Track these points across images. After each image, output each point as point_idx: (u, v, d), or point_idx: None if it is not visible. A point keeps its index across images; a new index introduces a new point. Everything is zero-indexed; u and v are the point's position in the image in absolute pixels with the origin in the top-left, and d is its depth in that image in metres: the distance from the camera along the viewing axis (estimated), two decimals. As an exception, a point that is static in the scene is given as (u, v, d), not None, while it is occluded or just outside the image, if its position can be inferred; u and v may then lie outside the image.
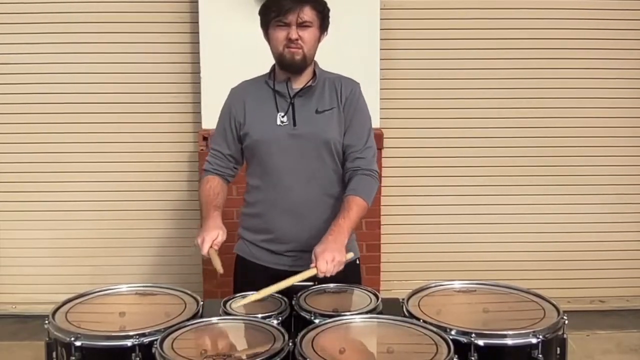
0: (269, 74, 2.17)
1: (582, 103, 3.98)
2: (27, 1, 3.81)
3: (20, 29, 3.82)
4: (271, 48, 2.10)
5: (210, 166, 2.20)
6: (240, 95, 2.18)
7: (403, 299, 1.88)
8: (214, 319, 1.75)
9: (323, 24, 2.08)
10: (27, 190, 3.97)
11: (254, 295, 1.86)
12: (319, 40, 2.10)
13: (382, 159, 3.70)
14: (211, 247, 1.93)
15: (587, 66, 3.95)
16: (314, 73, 2.13)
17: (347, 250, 1.95)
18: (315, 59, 2.13)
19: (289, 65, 2.06)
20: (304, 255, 2.03)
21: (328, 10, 2.10)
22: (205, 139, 3.65)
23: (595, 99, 3.98)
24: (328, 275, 1.88)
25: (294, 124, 2.08)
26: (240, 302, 1.85)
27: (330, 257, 1.87)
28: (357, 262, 2.25)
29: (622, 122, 4.03)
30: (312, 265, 1.88)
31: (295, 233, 2.09)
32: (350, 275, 2.14)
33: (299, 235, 2.07)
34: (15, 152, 3.93)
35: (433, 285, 2.00)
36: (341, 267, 1.91)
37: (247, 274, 2.17)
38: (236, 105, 2.16)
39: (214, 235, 1.95)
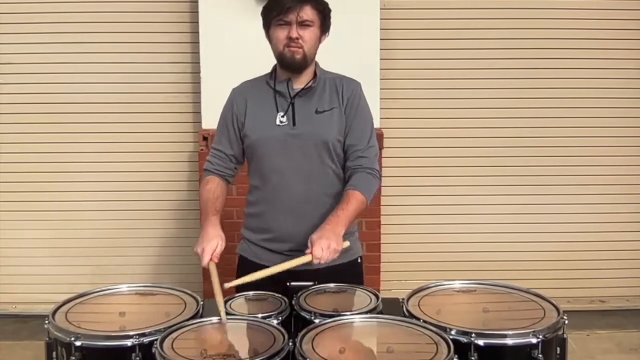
0: (270, 74, 2.18)
1: (585, 103, 3.99)
2: (27, 1, 3.82)
3: (20, 29, 3.82)
4: (272, 48, 2.10)
5: (211, 166, 2.20)
6: (242, 94, 2.18)
7: (403, 299, 1.87)
8: (214, 319, 1.74)
9: (324, 24, 2.09)
10: (28, 190, 3.97)
11: (247, 277, 1.87)
12: (319, 41, 2.10)
13: (382, 158, 3.69)
14: (211, 259, 1.92)
15: (586, 66, 3.96)
16: (315, 73, 2.14)
17: (344, 243, 1.95)
18: (316, 59, 2.14)
19: (289, 64, 2.07)
20: None
21: (329, 10, 2.10)
22: (205, 139, 3.66)
23: (597, 99, 3.98)
24: (323, 262, 1.87)
25: (294, 124, 2.09)
26: (232, 282, 1.86)
27: (326, 245, 1.87)
28: (359, 260, 2.25)
29: (624, 121, 4.03)
30: (308, 251, 1.88)
31: (295, 232, 2.08)
32: (352, 273, 2.15)
33: (298, 234, 2.06)
34: (15, 152, 3.93)
35: (433, 285, 2.00)
36: (336, 255, 1.91)
37: (247, 274, 2.17)
38: (238, 104, 2.16)
39: (213, 246, 1.94)
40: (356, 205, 2.02)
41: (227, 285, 1.86)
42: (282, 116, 2.09)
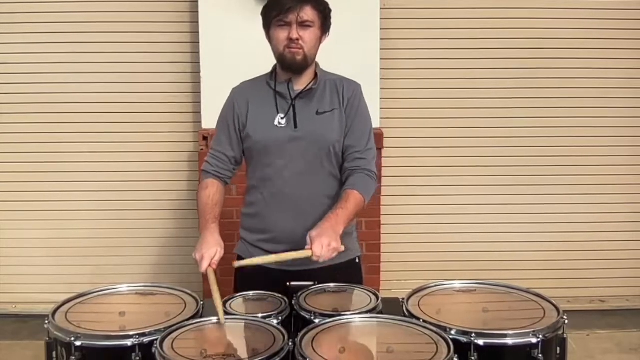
0: (270, 74, 2.17)
1: (585, 103, 3.98)
2: (25, 1, 3.81)
3: (20, 29, 3.82)
4: (272, 49, 2.10)
5: (210, 167, 2.18)
6: (243, 95, 2.17)
7: (403, 299, 1.88)
8: (214, 319, 1.74)
9: (324, 24, 2.08)
10: (27, 190, 3.97)
11: (255, 259, 1.92)
12: (320, 41, 2.10)
13: (382, 158, 3.70)
14: (209, 266, 1.91)
15: (583, 66, 3.95)
16: (315, 74, 2.13)
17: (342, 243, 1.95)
18: (316, 59, 2.13)
19: (289, 65, 2.06)
20: None
21: (330, 11, 2.10)
22: (205, 138, 3.66)
23: (597, 99, 3.98)
24: (321, 260, 1.86)
25: (295, 126, 2.08)
26: (240, 262, 1.92)
27: (326, 242, 1.86)
28: (357, 260, 2.25)
29: (623, 121, 4.03)
30: (307, 247, 1.87)
31: (292, 234, 2.08)
32: (351, 274, 2.15)
33: (296, 235, 2.05)
34: (15, 152, 3.93)
35: (433, 285, 2.00)
36: (335, 254, 1.90)
37: (247, 274, 2.17)
38: (240, 105, 2.15)
39: (212, 253, 1.92)
40: (355, 205, 2.02)
41: (236, 264, 1.92)
42: (282, 118, 2.09)
